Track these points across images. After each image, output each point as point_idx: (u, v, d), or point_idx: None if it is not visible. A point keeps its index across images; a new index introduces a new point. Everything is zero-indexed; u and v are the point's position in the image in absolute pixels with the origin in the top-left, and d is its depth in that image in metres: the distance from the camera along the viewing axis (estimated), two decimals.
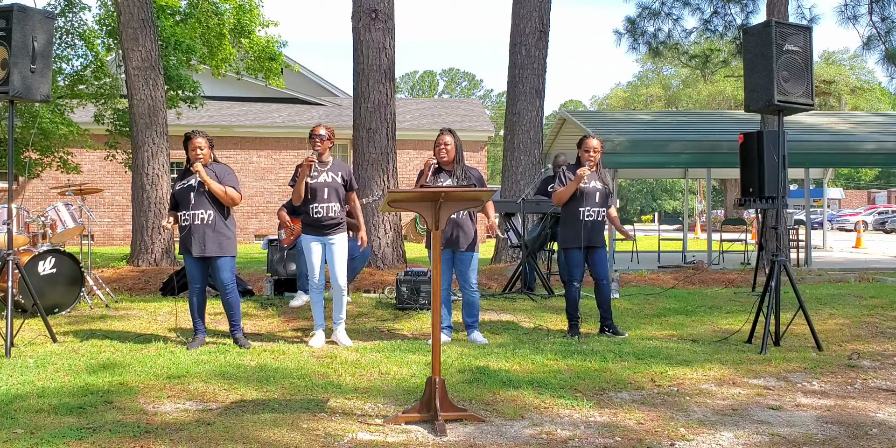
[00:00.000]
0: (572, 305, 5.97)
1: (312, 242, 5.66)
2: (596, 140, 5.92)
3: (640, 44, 14.32)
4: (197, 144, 5.43)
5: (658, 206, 55.27)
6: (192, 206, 5.40)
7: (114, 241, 20.50)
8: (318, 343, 5.57)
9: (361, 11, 9.83)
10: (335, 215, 5.63)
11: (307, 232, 5.68)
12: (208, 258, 5.43)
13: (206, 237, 5.38)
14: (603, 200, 5.91)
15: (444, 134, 5.68)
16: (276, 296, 7.79)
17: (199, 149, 5.43)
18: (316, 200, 5.60)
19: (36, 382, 4.31)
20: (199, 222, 5.39)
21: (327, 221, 5.61)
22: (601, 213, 5.90)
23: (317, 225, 5.63)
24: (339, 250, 5.66)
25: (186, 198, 5.43)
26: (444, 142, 5.63)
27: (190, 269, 5.52)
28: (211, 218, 5.41)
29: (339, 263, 5.65)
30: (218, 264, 5.43)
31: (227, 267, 5.47)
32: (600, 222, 5.91)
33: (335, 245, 5.65)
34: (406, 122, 21.94)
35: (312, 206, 5.61)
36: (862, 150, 12.65)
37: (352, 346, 5.52)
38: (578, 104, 63.86)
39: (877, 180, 55.09)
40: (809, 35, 5.63)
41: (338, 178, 5.68)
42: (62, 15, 14.40)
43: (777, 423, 3.69)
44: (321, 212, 5.60)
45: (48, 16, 5.67)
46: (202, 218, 5.40)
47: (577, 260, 5.90)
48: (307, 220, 5.67)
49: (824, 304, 7.24)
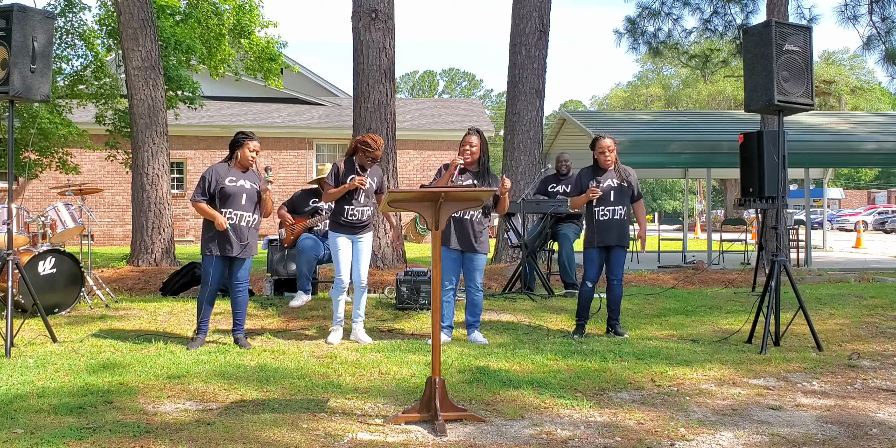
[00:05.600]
0: (583, 306, 5.94)
1: (342, 240, 5.74)
2: (609, 139, 5.90)
3: (640, 44, 14.33)
4: (255, 147, 5.56)
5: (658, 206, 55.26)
6: (242, 207, 5.47)
7: (114, 241, 20.51)
8: (336, 340, 5.67)
9: (361, 11, 9.83)
10: (367, 218, 5.80)
11: (338, 230, 5.76)
12: (235, 259, 5.49)
13: (249, 239, 5.49)
14: (619, 198, 5.82)
15: (472, 134, 5.65)
16: (276, 296, 7.79)
17: (256, 152, 5.57)
18: (353, 203, 5.70)
19: (36, 382, 4.30)
20: (244, 224, 5.48)
21: (361, 224, 5.77)
22: (618, 211, 5.80)
23: (349, 226, 5.74)
24: (365, 248, 5.80)
25: (238, 198, 5.47)
26: (471, 142, 5.61)
27: (215, 268, 5.47)
28: (255, 222, 5.57)
29: (364, 261, 5.78)
30: (245, 264, 5.55)
31: (248, 266, 5.62)
32: (617, 220, 5.81)
33: (363, 242, 5.79)
34: (406, 122, 21.94)
35: (348, 208, 5.70)
36: (862, 150, 12.66)
37: (372, 343, 5.58)
38: (578, 104, 63.86)
39: (877, 180, 55.09)
40: (809, 35, 5.63)
41: (374, 183, 5.80)
42: (62, 15, 14.41)
43: (777, 423, 3.69)
44: (356, 215, 5.72)
45: (48, 16, 5.67)
46: (248, 220, 5.50)
47: (594, 259, 5.86)
48: (341, 221, 5.74)
49: (824, 304, 7.23)
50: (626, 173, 5.91)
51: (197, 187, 5.51)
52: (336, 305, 5.76)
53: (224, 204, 5.46)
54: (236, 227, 5.44)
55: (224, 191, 5.45)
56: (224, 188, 5.45)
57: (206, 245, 5.47)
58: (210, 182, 5.47)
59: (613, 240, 5.81)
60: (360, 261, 5.76)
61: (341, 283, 5.74)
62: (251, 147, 5.51)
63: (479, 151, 5.62)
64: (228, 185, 5.46)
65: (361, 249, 5.77)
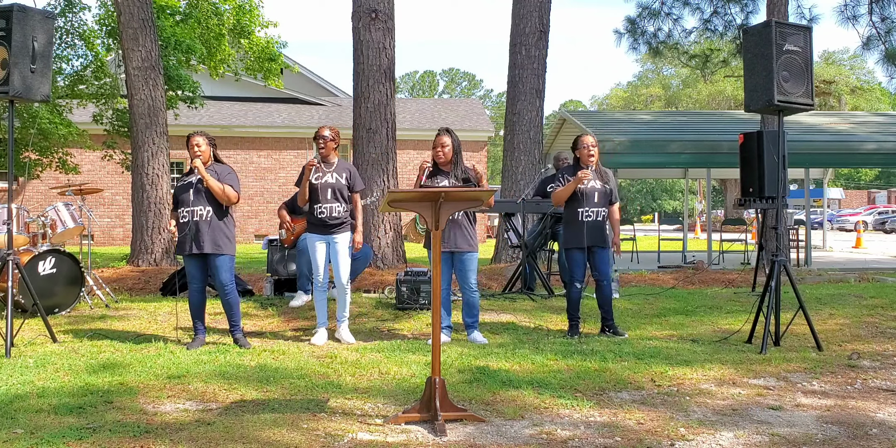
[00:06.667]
0: (573, 306, 5.97)
1: (317, 241, 5.72)
2: (591, 137, 5.92)
3: (641, 44, 14.32)
4: (195, 142, 5.50)
5: (658, 206, 55.24)
6: (191, 202, 5.43)
7: (114, 241, 20.50)
8: (321, 341, 5.61)
9: (361, 11, 9.83)
10: (338, 215, 5.70)
11: (311, 231, 5.74)
12: (206, 256, 5.44)
13: (202, 234, 5.39)
14: (602, 200, 5.88)
15: (443, 134, 5.66)
16: (276, 296, 7.79)
17: (196, 146, 5.49)
18: (319, 201, 5.67)
19: (36, 382, 4.31)
20: (196, 219, 5.41)
21: (331, 221, 5.69)
22: (601, 213, 5.86)
23: (320, 224, 5.69)
24: (342, 249, 5.73)
25: (185, 195, 5.46)
26: (443, 143, 5.61)
27: (189, 269, 5.52)
28: (209, 215, 5.43)
29: (342, 261, 5.72)
30: (217, 263, 5.43)
31: (226, 267, 5.46)
32: (601, 222, 5.87)
33: (339, 243, 5.72)
34: (406, 122, 21.93)
35: (316, 206, 5.68)
36: (862, 150, 12.66)
37: (354, 343, 5.54)
38: (578, 104, 63.86)
39: (877, 180, 55.07)
40: (809, 35, 5.62)
41: (342, 178, 5.74)
42: (62, 15, 14.40)
43: (777, 423, 3.69)
44: (325, 212, 5.67)
45: (48, 16, 5.67)
46: (200, 215, 5.42)
47: (579, 260, 5.89)
48: (311, 220, 5.73)
49: (824, 304, 7.23)
50: (606, 176, 5.96)
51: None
52: (318, 307, 5.76)
53: (177, 205, 5.51)
54: (191, 224, 5.39)
55: (175, 193, 5.54)
56: (175, 191, 5.54)
57: (178, 246, 5.53)
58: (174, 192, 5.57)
59: (597, 241, 5.85)
60: (338, 261, 5.71)
61: (318, 284, 5.73)
62: (191, 143, 5.51)
63: (452, 151, 5.63)
64: (178, 187, 5.52)
65: (338, 250, 5.71)
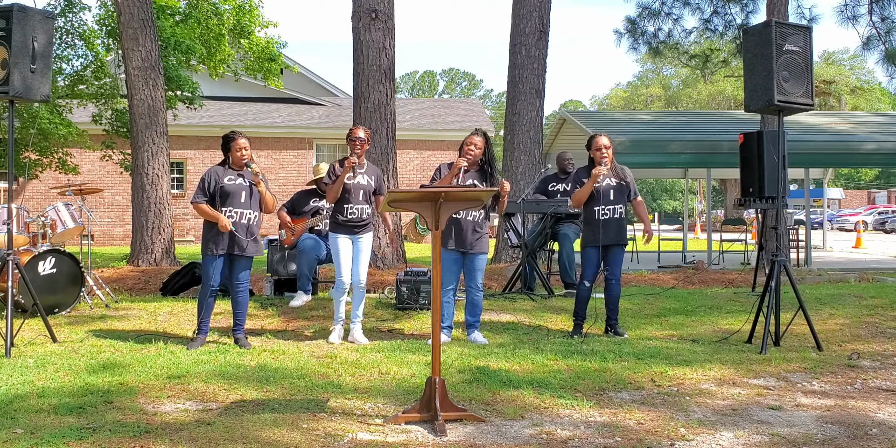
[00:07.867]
0: (581, 305, 5.96)
1: (342, 240, 5.74)
2: (605, 138, 5.92)
3: (641, 44, 14.33)
4: (242, 145, 5.50)
5: (658, 206, 55.24)
6: (241, 204, 5.48)
7: (114, 241, 20.51)
8: (337, 339, 5.68)
9: (361, 11, 9.83)
10: (366, 217, 5.78)
11: (338, 231, 5.75)
12: (238, 258, 5.50)
13: (248, 236, 5.48)
14: (618, 197, 5.87)
15: (476, 135, 5.62)
16: (276, 296, 7.79)
17: (244, 149, 5.51)
18: (350, 201, 5.70)
19: (36, 382, 4.30)
20: (245, 221, 5.48)
21: (360, 222, 5.75)
22: (617, 210, 5.85)
23: (348, 225, 5.73)
24: (365, 248, 5.80)
25: (237, 196, 5.48)
26: (475, 142, 5.58)
27: (214, 268, 5.47)
28: (256, 219, 5.55)
29: (363, 261, 5.78)
30: (245, 263, 5.55)
31: (250, 266, 5.61)
32: (617, 220, 5.85)
33: (362, 242, 5.78)
34: (406, 122, 21.94)
35: (347, 206, 5.70)
36: (862, 150, 12.66)
37: (369, 344, 5.57)
38: (578, 104, 63.84)
39: (877, 180, 55.07)
40: (809, 35, 5.63)
41: (372, 181, 5.79)
42: (62, 15, 14.41)
43: (777, 423, 3.69)
44: (356, 213, 5.71)
45: (48, 16, 5.67)
46: (249, 218, 5.51)
47: (593, 259, 5.88)
48: (338, 220, 5.74)
49: (824, 304, 7.23)
50: (622, 173, 5.95)
51: (197, 189, 5.53)
52: (337, 306, 5.78)
53: (224, 202, 5.48)
54: (237, 225, 5.45)
55: (224, 189, 5.48)
56: (223, 187, 5.48)
57: (208, 245, 5.47)
58: (209, 183, 5.49)
59: (613, 239, 5.84)
60: (359, 261, 5.77)
61: (342, 285, 5.75)
62: (239, 145, 5.50)
63: (482, 153, 5.62)
64: (227, 184, 5.49)
65: (361, 249, 5.78)
